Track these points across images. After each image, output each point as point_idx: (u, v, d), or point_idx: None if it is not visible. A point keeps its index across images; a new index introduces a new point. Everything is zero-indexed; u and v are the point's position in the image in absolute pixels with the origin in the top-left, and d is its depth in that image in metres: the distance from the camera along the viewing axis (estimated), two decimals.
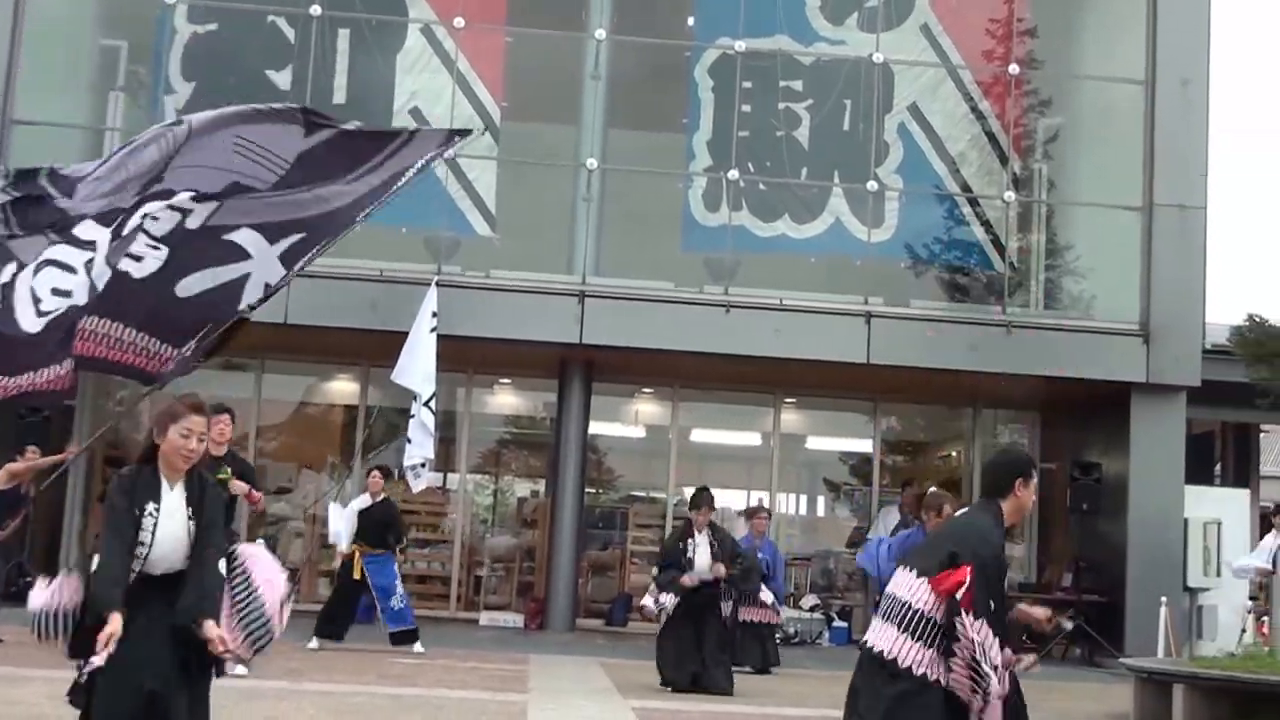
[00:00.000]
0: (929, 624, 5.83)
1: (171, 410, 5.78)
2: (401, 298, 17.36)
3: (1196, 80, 19.06)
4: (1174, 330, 18.52)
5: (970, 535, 6.02)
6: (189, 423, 5.73)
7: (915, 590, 5.93)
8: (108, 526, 5.63)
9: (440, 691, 10.99)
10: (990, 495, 6.21)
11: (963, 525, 6.20)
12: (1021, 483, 6.12)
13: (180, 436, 5.70)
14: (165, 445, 5.71)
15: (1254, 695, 10.61)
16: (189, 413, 5.75)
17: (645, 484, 23.30)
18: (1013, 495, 6.12)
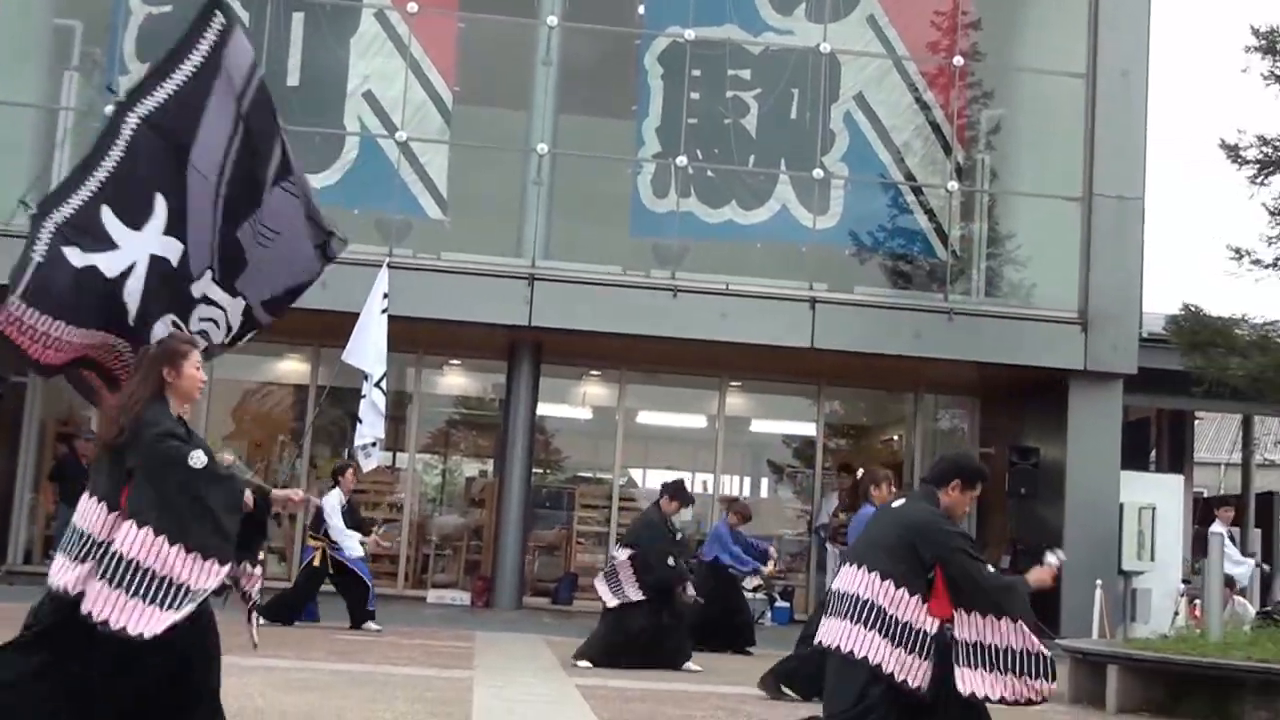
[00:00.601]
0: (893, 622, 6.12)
1: (176, 349, 5.96)
2: (353, 279, 17.36)
3: (1136, 73, 19.39)
4: (1112, 319, 18.87)
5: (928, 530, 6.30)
6: (197, 357, 6.00)
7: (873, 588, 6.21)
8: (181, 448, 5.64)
9: (387, 668, 11.06)
10: (929, 484, 6.50)
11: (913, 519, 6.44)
12: (957, 485, 6.42)
13: (195, 369, 5.93)
14: (182, 381, 5.88)
15: (1185, 676, 10.95)
16: (194, 348, 6.02)
17: (592, 465, 23.53)
18: (946, 492, 6.40)
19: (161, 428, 5.67)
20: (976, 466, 6.74)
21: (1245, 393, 14.91)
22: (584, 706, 9.10)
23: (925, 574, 6.26)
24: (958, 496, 6.45)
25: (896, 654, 6.12)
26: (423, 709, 8.46)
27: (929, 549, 6.27)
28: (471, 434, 23.59)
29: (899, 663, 6.12)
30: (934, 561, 6.25)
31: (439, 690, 9.66)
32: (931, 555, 6.26)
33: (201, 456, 5.59)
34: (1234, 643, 11.81)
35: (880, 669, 6.14)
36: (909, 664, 6.12)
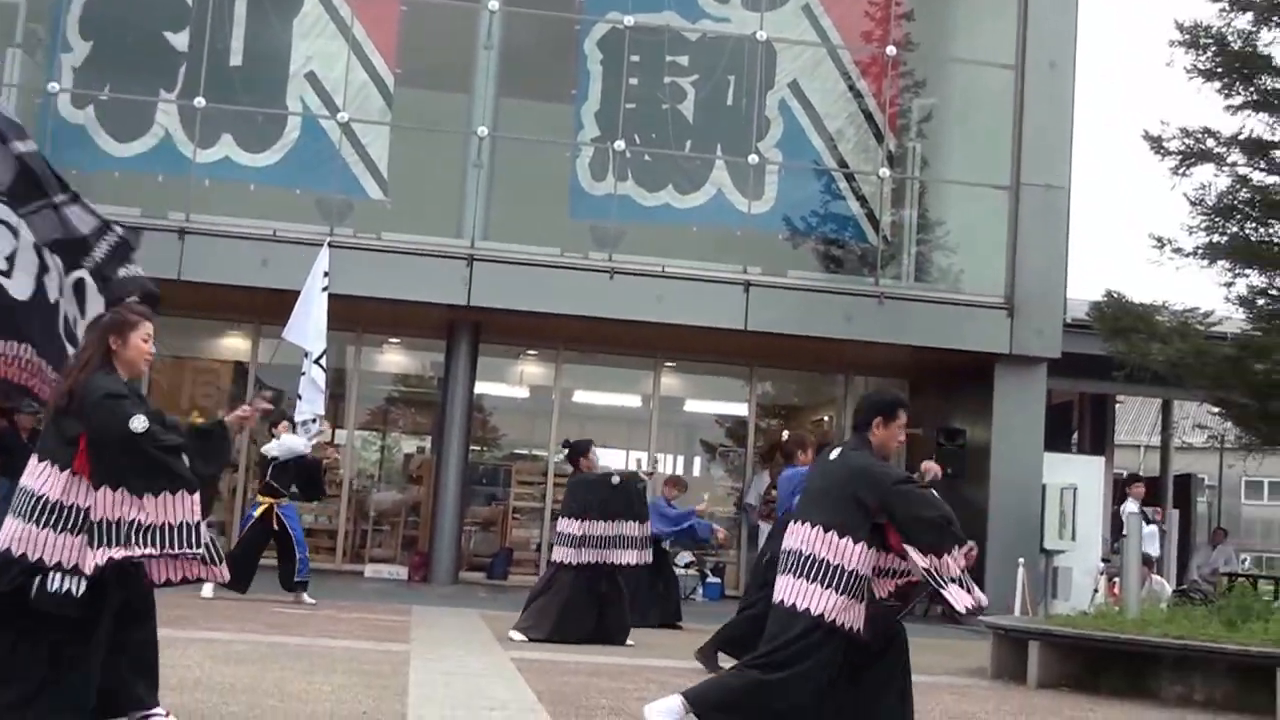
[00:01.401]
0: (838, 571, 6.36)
1: (125, 319, 6.17)
2: (294, 257, 17.58)
3: (1063, 65, 19.78)
4: (1037, 304, 19.27)
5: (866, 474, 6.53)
6: (148, 328, 6.19)
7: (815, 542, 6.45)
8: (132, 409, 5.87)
9: (324, 641, 11.14)
10: (858, 430, 6.79)
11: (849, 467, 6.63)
12: (880, 421, 6.64)
13: (142, 341, 6.14)
14: (127, 351, 6.10)
15: (1104, 652, 11.24)
16: (144, 319, 6.20)
17: (528, 443, 23.77)
18: (873, 432, 6.67)
19: (106, 390, 5.90)
20: (891, 398, 6.90)
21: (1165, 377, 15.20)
22: (518, 679, 9.26)
23: (868, 519, 6.43)
24: (884, 432, 6.65)
25: (838, 601, 6.32)
26: (360, 681, 8.56)
27: (870, 493, 6.46)
28: (410, 411, 23.77)
29: (840, 609, 6.32)
30: (877, 505, 6.44)
31: (376, 663, 9.71)
32: (874, 499, 6.45)
33: (143, 421, 5.80)
34: (1151, 619, 12.07)
35: (822, 619, 6.35)
36: (850, 609, 6.33)
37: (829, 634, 6.37)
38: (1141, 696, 10.81)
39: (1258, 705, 10.05)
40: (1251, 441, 14.33)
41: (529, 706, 7.92)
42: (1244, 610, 11.94)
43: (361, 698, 7.80)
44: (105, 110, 18.80)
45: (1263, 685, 10.11)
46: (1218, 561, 22.74)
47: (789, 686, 6.38)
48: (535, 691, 8.53)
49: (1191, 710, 10.33)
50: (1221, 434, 16.21)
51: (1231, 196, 14.05)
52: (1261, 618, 11.65)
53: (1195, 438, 26.79)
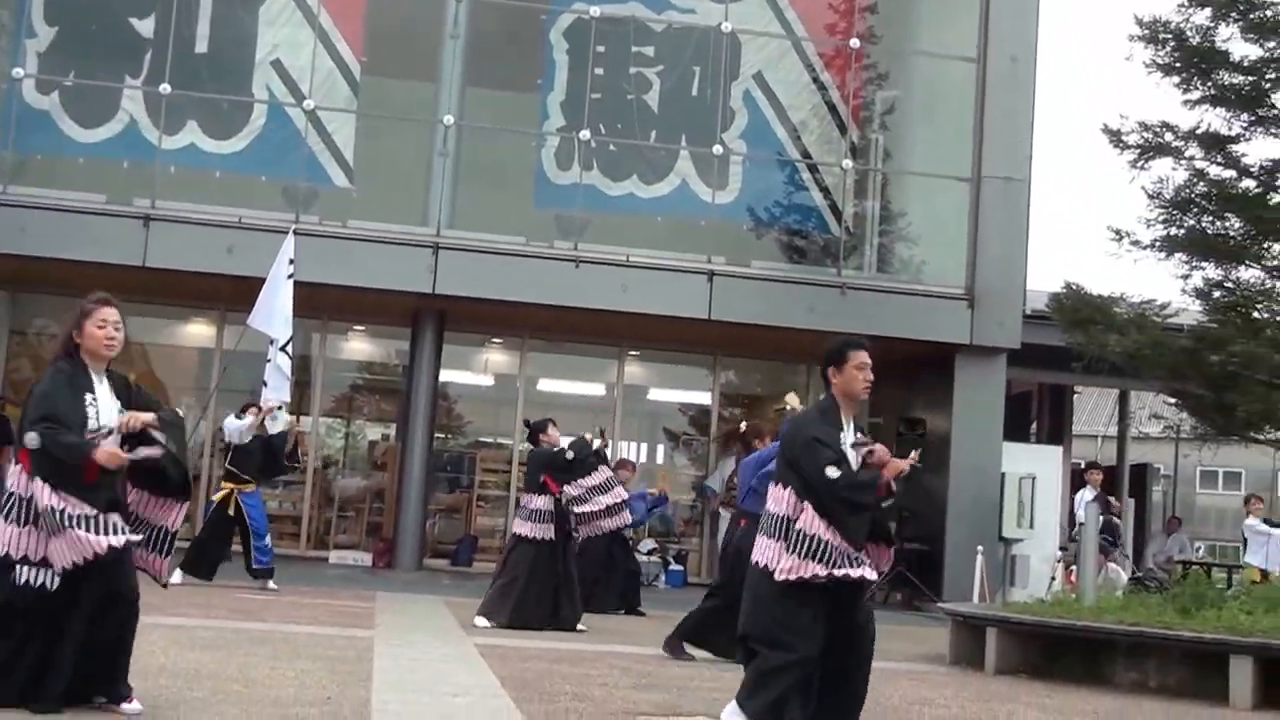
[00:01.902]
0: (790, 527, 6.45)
1: (83, 308, 6.26)
2: (259, 245, 17.57)
3: (1024, 59, 19.93)
4: (997, 295, 19.41)
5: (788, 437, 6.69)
6: (103, 314, 6.24)
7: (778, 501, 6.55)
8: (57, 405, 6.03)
9: (289, 626, 11.17)
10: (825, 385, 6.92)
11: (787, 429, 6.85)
12: (833, 371, 6.71)
13: (97, 328, 6.20)
14: (85, 340, 6.19)
15: (1060, 638, 11.34)
16: (100, 305, 6.26)
17: (493, 430, 23.84)
18: (830, 382, 6.75)
19: (37, 391, 6.13)
20: (836, 345, 6.88)
21: (1122, 368, 15.34)
22: (482, 665, 9.34)
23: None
24: (840, 379, 6.69)
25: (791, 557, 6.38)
26: (324, 667, 8.61)
27: (789, 453, 6.62)
28: (375, 399, 23.79)
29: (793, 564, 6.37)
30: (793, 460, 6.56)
31: (340, 649, 9.75)
32: (790, 457, 6.59)
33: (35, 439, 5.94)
34: (1107, 607, 12.21)
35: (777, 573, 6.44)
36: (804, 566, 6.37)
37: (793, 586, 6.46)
38: (1097, 683, 10.95)
39: (1211, 691, 10.21)
40: (1206, 432, 14.53)
41: (492, 692, 8.00)
42: (1198, 598, 12.09)
43: (325, 683, 7.87)
44: (70, 96, 18.75)
45: (1215, 672, 10.26)
46: (1172, 550, 22.99)
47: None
48: (499, 677, 8.61)
49: (1146, 696, 10.48)
50: (1177, 424, 16.42)
51: (1189, 190, 14.22)
52: (1215, 605, 11.80)
53: (1151, 428, 27.07)
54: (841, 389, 6.70)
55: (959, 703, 9.06)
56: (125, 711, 6.17)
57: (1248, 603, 11.92)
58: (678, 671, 9.82)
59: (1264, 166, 14.07)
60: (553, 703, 7.65)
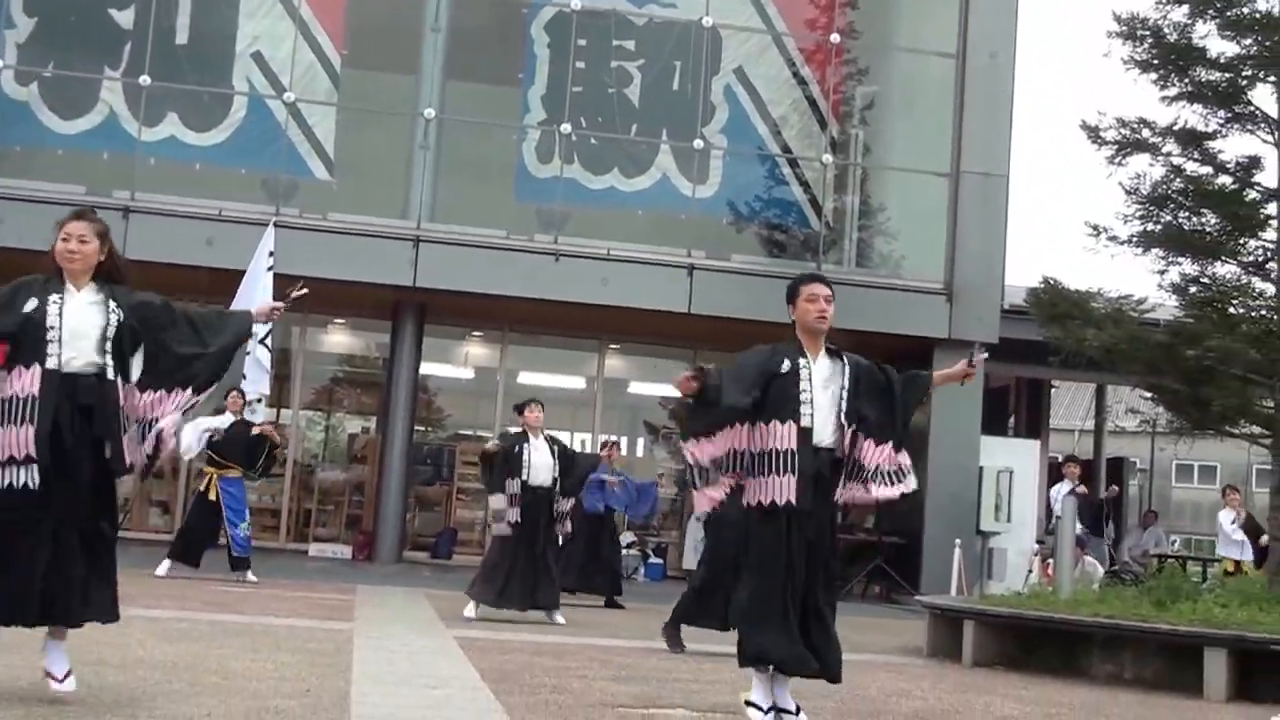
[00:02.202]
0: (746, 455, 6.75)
1: (57, 222, 6.28)
2: (239, 237, 17.59)
3: (1004, 55, 20.04)
4: (975, 290, 19.55)
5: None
6: (67, 228, 6.21)
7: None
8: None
9: (268, 619, 11.11)
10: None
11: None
12: (790, 306, 6.92)
13: (60, 241, 6.18)
14: (55, 255, 6.19)
15: (1037, 631, 11.38)
16: (68, 220, 6.25)
17: (473, 423, 23.87)
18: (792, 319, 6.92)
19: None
20: (792, 280, 7.11)
21: (1099, 363, 15.35)
22: (461, 657, 9.34)
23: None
24: (796, 313, 6.89)
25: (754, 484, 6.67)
26: (303, 660, 8.59)
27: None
28: (355, 391, 23.78)
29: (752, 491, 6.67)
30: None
31: (319, 642, 9.73)
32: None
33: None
34: (1083, 600, 12.29)
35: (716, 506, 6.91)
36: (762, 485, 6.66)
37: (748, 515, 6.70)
38: (1073, 675, 11.01)
39: (1186, 684, 10.28)
40: (1182, 426, 14.55)
41: (472, 685, 8.02)
42: (1173, 591, 12.18)
43: (305, 676, 7.87)
44: (49, 87, 18.72)
45: (1191, 664, 10.33)
46: (1148, 543, 23.14)
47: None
48: (479, 670, 8.62)
49: (1121, 688, 10.54)
50: (1153, 418, 16.44)
51: (1165, 186, 14.24)
52: (1190, 598, 11.89)
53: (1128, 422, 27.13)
54: (799, 321, 6.87)
55: (936, 694, 9.11)
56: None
57: (1223, 596, 12.02)
58: (657, 664, 9.86)
59: (1240, 163, 14.11)
60: (533, 695, 7.68)
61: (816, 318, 6.84)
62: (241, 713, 6.36)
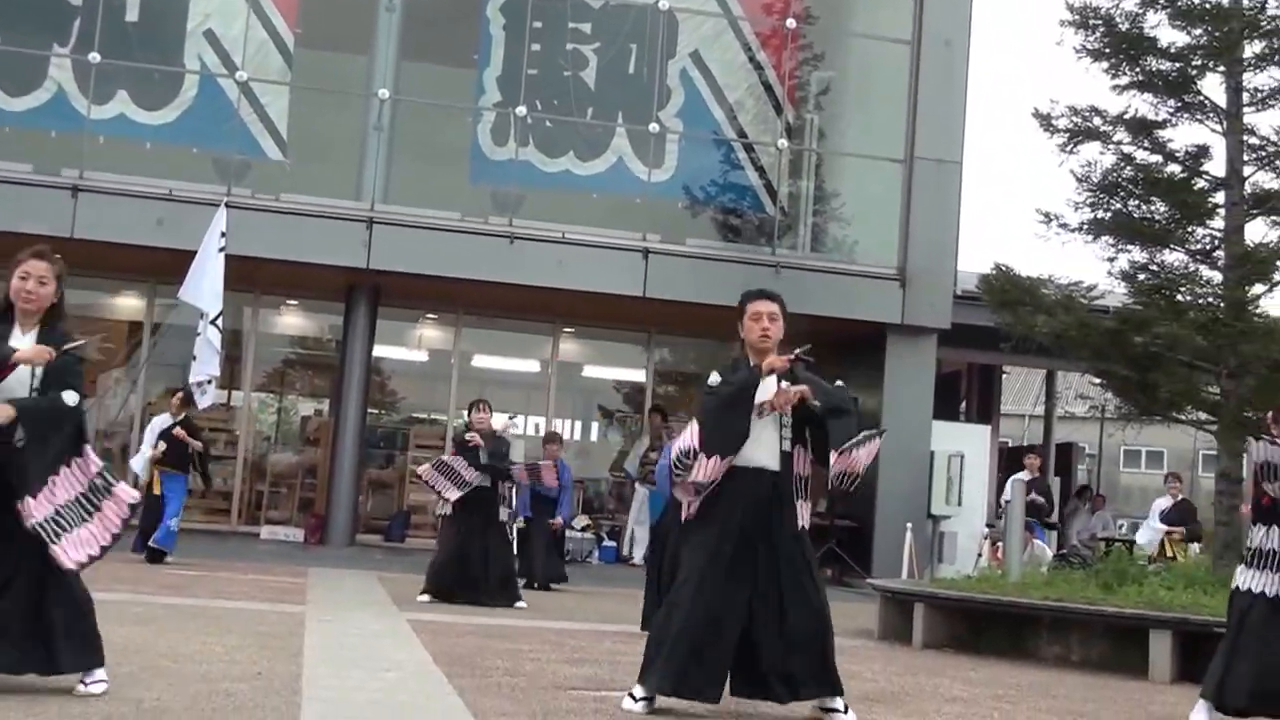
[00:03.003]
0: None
1: (16, 259, 6.15)
2: (190, 217, 17.46)
3: (958, 42, 20.10)
4: (928, 276, 19.62)
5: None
6: (26, 266, 6.10)
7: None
8: None
9: (220, 602, 11.15)
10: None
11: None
12: (740, 325, 6.93)
13: (18, 279, 6.08)
14: (10, 291, 6.07)
15: (986, 613, 11.55)
16: (27, 259, 6.13)
17: (427, 406, 23.81)
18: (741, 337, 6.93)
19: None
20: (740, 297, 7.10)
21: (1049, 349, 15.44)
22: (414, 640, 9.34)
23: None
24: (743, 331, 6.90)
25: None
26: (254, 642, 8.58)
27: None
28: (307, 374, 23.67)
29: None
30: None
31: (271, 624, 9.73)
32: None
33: None
34: (1031, 583, 12.48)
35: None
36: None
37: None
38: (1021, 656, 11.15)
39: (1131, 665, 10.42)
40: (1130, 411, 14.67)
41: (424, 668, 8.03)
42: (1120, 574, 12.34)
43: (256, 658, 7.86)
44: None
45: (1136, 646, 10.48)
46: (1096, 527, 23.33)
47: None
48: (431, 653, 8.63)
49: (1068, 669, 10.67)
50: (1102, 404, 16.60)
51: (1116, 174, 14.34)
52: (1136, 581, 12.05)
53: (1077, 407, 27.44)
54: (746, 339, 6.87)
55: (886, 676, 9.19)
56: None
57: (1168, 579, 12.18)
58: (609, 646, 9.89)
59: (1189, 152, 14.23)
60: (485, 677, 7.69)
61: (759, 337, 6.85)
62: (191, 696, 6.34)
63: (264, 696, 6.48)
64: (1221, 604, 10.89)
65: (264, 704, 6.26)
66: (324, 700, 6.48)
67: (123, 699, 6.12)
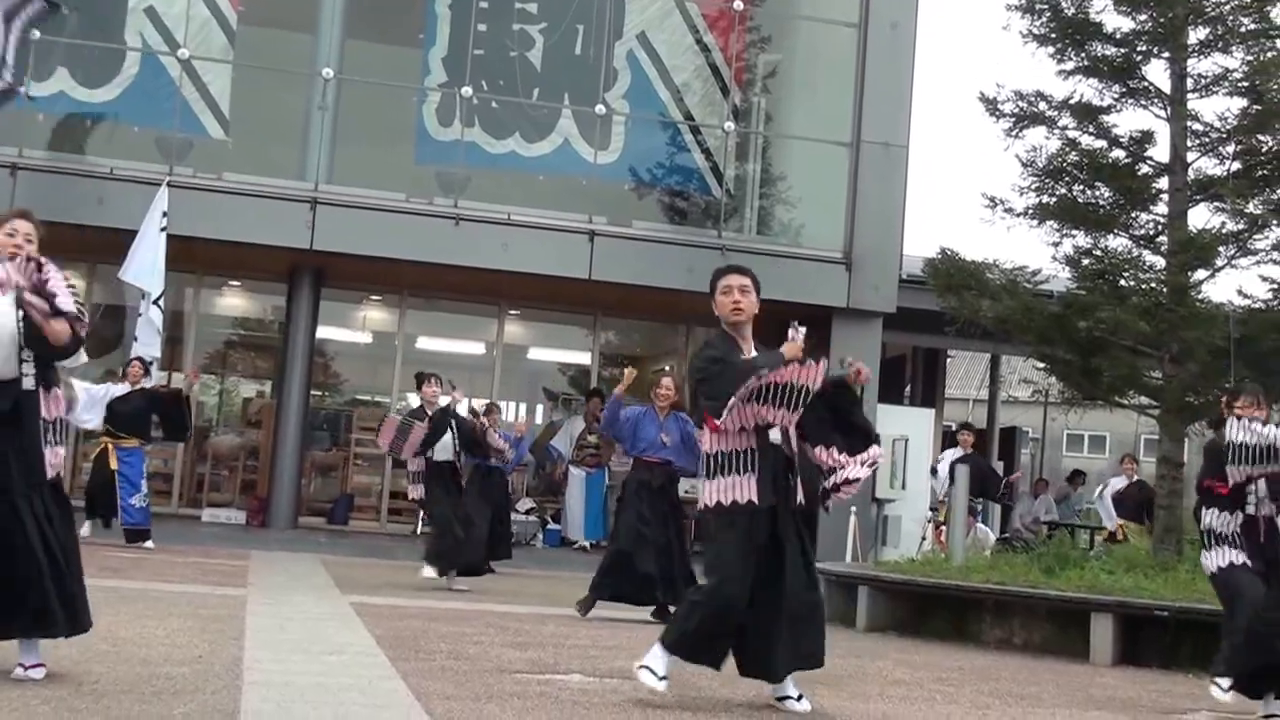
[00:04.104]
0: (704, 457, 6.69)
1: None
2: (131, 196, 17.28)
3: (905, 25, 20.11)
4: (874, 260, 19.62)
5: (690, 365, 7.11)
6: (12, 225, 6.26)
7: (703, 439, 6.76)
8: None
9: (160, 585, 11.08)
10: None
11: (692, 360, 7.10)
12: (713, 303, 7.00)
13: (5, 235, 6.22)
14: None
15: (929, 596, 11.71)
16: (12, 217, 6.30)
17: (370, 388, 23.69)
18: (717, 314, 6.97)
19: None
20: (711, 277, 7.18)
21: (994, 333, 15.56)
22: (357, 623, 9.32)
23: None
24: (716, 308, 6.97)
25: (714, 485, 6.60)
26: (195, 626, 8.54)
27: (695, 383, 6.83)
28: (250, 355, 23.47)
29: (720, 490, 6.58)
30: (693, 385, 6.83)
31: (212, 607, 9.70)
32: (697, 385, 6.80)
33: None
34: (974, 566, 12.62)
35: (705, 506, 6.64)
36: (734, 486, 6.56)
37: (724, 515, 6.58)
38: (964, 640, 11.24)
39: (1073, 648, 10.53)
40: (1073, 396, 14.80)
41: (367, 650, 7.99)
42: (1061, 558, 12.49)
43: (196, 642, 7.80)
44: None
45: (1078, 629, 10.59)
46: (1039, 511, 23.52)
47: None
48: (374, 635, 8.60)
49: (1010, 653, 10.77)
50: (1045, 388, 16.72)
51: (1061, 159, 14.42)
52: (1078, 565, 12.19)
53: (1021, 392, 27.64)
54: (717, 310, 6.96)
55: (830, 659, 9.18)
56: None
57: (1109, 562, 12.32)
58: (553, 630, 9.88)
59: (1133, 137, 14.33)
60: (428, 660, 7.66)
61: (731, 309, 6.90)
62: (131, 679, 6.28)
63: (205, 680, 6.42)
64: (1162, 586, 11.06)
65: (204, 687, 6.20)
66: (266, 684, 6.43)
67: (61, 682, 6.06)
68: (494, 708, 6.16)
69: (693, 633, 6.56)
